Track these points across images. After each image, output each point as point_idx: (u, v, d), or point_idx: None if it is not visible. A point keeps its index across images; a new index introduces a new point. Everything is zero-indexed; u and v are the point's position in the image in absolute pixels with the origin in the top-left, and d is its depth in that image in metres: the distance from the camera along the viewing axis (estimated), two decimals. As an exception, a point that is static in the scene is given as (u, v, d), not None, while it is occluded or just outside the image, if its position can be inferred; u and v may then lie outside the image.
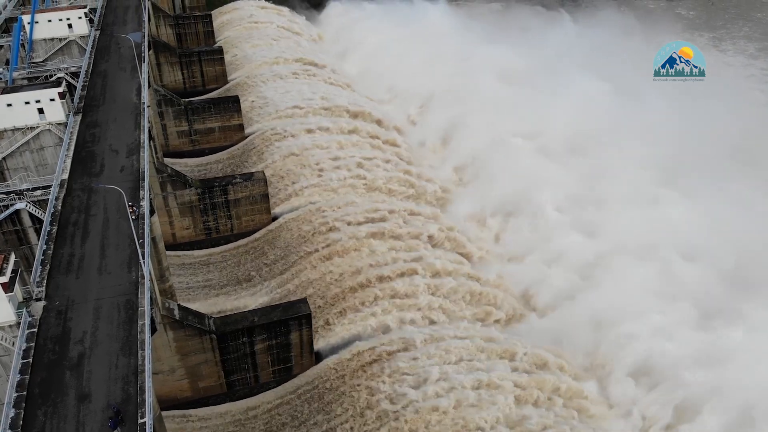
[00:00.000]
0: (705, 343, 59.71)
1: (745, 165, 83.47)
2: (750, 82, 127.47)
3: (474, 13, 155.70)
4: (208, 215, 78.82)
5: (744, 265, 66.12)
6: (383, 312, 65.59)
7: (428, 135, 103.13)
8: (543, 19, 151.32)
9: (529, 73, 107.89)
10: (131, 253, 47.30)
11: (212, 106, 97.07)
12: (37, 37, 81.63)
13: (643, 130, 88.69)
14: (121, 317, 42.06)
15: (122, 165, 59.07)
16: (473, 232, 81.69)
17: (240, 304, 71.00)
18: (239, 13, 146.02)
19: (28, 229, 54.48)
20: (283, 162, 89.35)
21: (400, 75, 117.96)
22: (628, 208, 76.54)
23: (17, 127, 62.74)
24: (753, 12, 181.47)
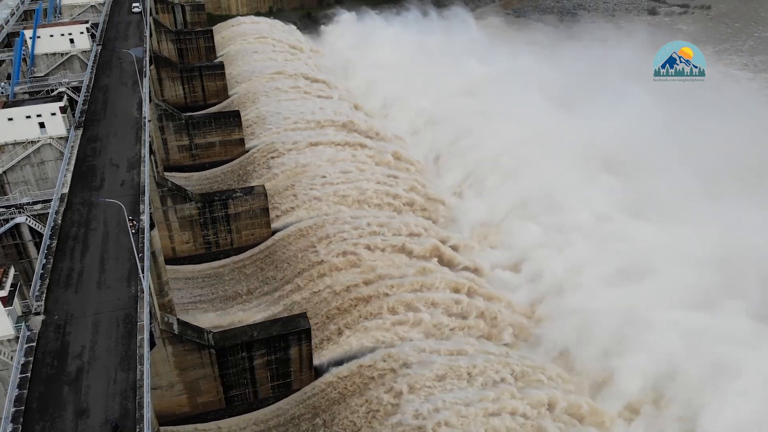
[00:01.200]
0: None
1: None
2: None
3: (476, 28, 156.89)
4: (208, 229, 78.76)
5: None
6: (384, 327, 65.32)
7: (430, 149, 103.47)
8: (543, 33, 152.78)
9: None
10: (131, 267, 47.17)
11: (213, 120, 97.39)
12: (39, 51, 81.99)
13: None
14: (120, 332, 41.85)
15: (122, 179, 59.08)
16: (476, 245, 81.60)
17: (239, 318, 70.72)
18: (240, 29, 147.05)
19: (28, 243, 54.33)
20: (284, 176, 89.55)
21: (400, 90, 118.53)
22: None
23: (18, 141, 62.81)
24: (754, 27, 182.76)
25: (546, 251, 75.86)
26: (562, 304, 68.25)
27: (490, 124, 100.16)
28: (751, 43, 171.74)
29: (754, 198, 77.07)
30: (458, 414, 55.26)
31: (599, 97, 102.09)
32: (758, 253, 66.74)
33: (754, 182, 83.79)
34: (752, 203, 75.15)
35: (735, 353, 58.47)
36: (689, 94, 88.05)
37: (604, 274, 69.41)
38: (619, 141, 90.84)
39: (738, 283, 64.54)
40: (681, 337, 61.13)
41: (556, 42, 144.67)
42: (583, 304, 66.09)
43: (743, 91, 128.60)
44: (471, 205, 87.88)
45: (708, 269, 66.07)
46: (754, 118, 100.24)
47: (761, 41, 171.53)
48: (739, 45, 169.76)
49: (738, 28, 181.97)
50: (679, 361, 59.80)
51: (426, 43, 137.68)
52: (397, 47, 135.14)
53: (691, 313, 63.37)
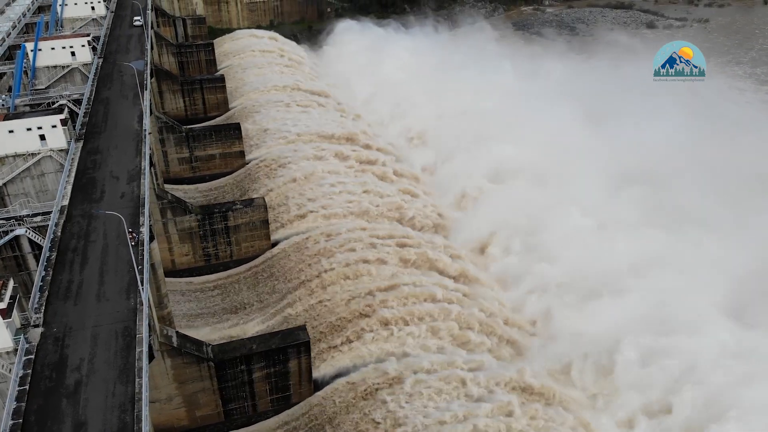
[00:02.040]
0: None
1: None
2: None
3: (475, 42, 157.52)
4: (207, 241, 78.72)
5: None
6: (385, 339, 65.08)
7: (429, 161, 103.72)
8: (542, 47, 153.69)
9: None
10: (130, 279, 47.09)
11: (213, 133, 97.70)
12: (40, 64, 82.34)
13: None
14: (119, 344, 41.71)
15: (122, 191, 59.13)
16: (476, 259, 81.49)
17: (239, 331, 70.48)
18: (241, 42, 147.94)
19: (28, 255, 54.28)
20: (284, 188, 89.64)
21: (400, 103, 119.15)
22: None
23: (18, 153, 62.92)
24: (754, 39, 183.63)
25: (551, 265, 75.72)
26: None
27: (495, 136, 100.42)
28: (754, 54, 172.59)
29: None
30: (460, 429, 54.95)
31: (626, 111, 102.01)
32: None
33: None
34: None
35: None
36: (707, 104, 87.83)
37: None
38: (649, 155, 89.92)
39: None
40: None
41: (563, 53, 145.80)
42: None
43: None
44: (473, 218, 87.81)
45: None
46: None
47: (763, 53, 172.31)
48: (741, 56, 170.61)
49: (738, 40, 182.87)
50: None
51: (426, 56, 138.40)
52: (397, 59, 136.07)
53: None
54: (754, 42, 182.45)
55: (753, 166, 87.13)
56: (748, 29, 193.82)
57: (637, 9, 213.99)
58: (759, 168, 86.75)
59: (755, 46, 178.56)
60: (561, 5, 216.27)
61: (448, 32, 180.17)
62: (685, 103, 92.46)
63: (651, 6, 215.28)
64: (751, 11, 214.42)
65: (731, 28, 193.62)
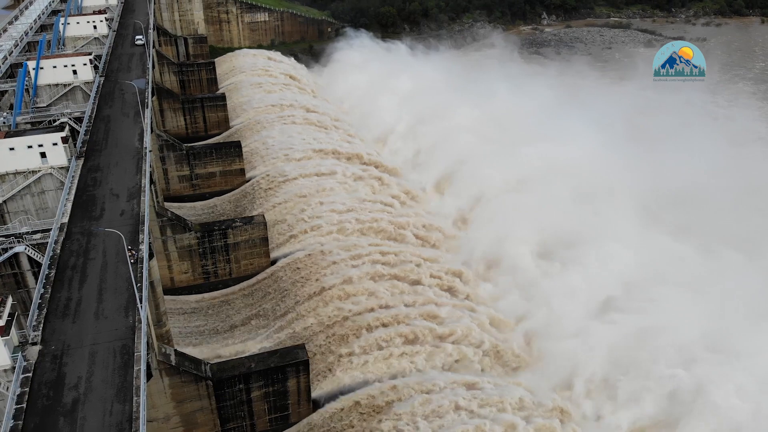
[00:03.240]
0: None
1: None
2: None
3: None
4: (207, 259, 78.63)
5: None
6: (385, 358, 64.74)
7: (428, 178, 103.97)
8: (544, 67, 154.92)
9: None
10: (129, 297, 46.94)
11: (214, 150, 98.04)
12: (42, 82, 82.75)
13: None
14: (117, 362, 41.44)
15: (122, 209, 59.13)
16: (476, 274, 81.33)
17: (237, 349, 70.14)
18: (242, 61, 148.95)
19: (27, 273, 54.14)
20: (283, 205, 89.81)
21: (399, 121, 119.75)
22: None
23: (19, 171, 63.01)
24: (755, 57, 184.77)
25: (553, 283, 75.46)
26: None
27: (491, 153, 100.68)
28: (756, 71, 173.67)
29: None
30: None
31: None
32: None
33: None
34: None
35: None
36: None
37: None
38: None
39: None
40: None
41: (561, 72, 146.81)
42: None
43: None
44: (474, 235, 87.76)
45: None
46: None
47: (764, 71, 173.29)
48: (744, 74, 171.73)
49: (738, 58, 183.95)
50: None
51: (424, 77, 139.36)
52: (397, 77, 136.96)
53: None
54: (755, 60, 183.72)
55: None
56: (747, 48, 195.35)
57: (635, 28, 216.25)
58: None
59: (756, 65, 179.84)
60: (560, 25, 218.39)
61: (447, 52, 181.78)
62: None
63: (649, 25, 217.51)
64: (749, 29, 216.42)
65: (731, 46, 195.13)
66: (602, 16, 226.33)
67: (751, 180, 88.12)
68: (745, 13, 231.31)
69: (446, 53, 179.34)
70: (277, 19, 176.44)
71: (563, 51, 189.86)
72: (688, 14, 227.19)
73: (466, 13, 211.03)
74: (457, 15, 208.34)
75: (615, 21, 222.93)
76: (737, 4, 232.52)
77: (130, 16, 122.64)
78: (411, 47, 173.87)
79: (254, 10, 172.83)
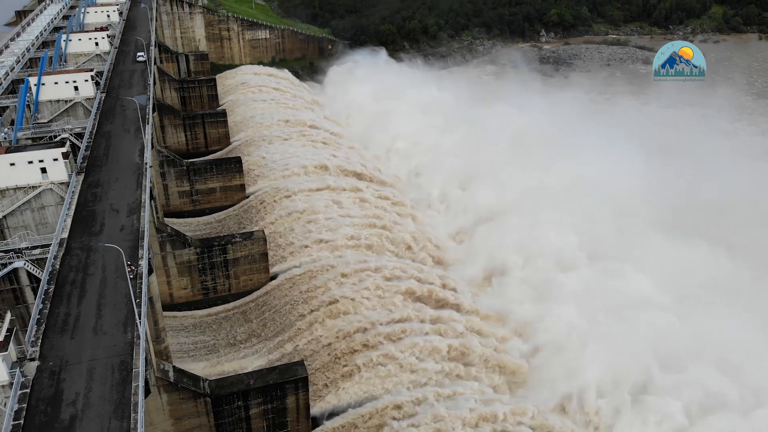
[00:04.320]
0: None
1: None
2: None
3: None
4: (206, 275, 78.45)
5: None
6: (385, 375, 64.36)
7: (428, 193, 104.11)
8: (542, 82, 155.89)
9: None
10: (128, 313, 46.79)
11: (214, 166, 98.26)
12: (43, 98, 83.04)
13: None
14: (115, 379, 41.22)
15: (122, 224, 59.10)
16: (476, 291, 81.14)
17: (236, 366, 69.79)
18: (243, 78, 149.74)
19: (25, 288, 53.99)
20: (283, 221, 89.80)
21: (398, 137, 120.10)
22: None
23: (19, 186, 63.05)
24: (755, 75, 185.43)
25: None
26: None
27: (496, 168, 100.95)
28: (758, 88, 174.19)
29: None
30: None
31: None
32: None
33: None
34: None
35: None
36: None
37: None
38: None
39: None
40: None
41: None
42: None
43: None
44: (475, 251, 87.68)
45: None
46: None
47: (764, 89, 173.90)
48: (746, 89, 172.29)
49: (737, 76, 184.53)
50: None
51: (421, 93, 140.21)
52: (399, 93, 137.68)
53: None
54: (756, 78, 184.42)
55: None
56: (745, 64, 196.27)
57: (633, 45, 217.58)
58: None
59: (755, 82, 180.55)
60: (558, 42, 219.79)
61: (445, 69, 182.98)
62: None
63: (647, 42, 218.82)
64: (747, 46, 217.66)
65: (729, 62, 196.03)
66: (600, 34, 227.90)
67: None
68: (743, 30, 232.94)
69: (445, 69, 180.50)
70: (278, 37, 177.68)
71: (562, 68, 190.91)
72: (686, 31, 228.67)
73: (466, 31, 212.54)
74: (457, 32, 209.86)
75: (613, 38, 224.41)
76: (735, 21, 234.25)
77: (132, 33, 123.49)
78: (411, 64, 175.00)
79: (255, 28, 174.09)
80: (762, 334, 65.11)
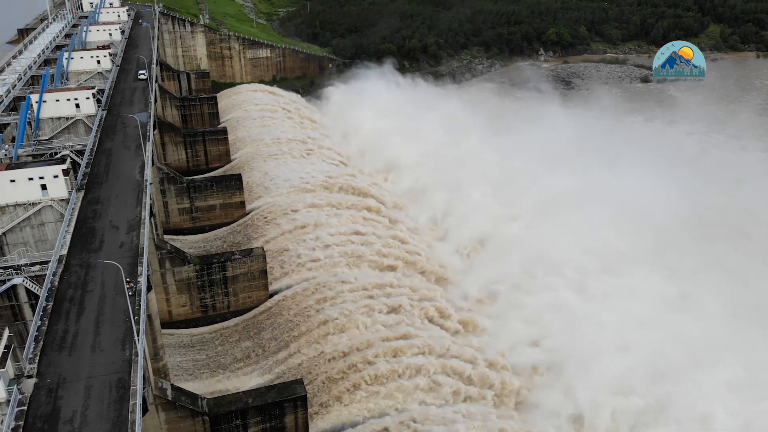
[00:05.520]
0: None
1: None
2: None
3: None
4: (205, 292, 78.19)
5: None
6: (384, 394, 63.94)
7: (427, 212, 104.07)
8: (539, 101, 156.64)
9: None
10: (126, 330, 46.59)
11: (214, 183, 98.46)
12: (45, 116, 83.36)
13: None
14: (113, 396, 40.93)
15: (122, 241, 59.06)
16: (475, 308, 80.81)
17: (235, 384, 69.36)
18: (244, 96, 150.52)
19: (24, 305, 53.78)
20: (283, 237, 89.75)
21: (397, 155, 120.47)
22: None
23: (19, 203, 63.08)
24: (755, 95, 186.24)
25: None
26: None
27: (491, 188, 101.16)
28: (758, 105, 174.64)
29: None
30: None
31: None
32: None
33: None
34: None
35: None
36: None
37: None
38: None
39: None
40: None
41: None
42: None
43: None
44: (476, 269, 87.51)
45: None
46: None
47: (763, 110, 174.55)
48: (747, 108, 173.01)
49: (736, 95, 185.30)
50: None
51: (420, 110, 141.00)
52: (394, 114, 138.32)
53: None
54: (754, 97, 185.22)
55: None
56: (744, 83, 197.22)
57: (631, 64, 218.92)
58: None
59: (754, 101, 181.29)
60: (556, 60, 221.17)
61: (446, 86, 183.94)
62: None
63: (645, 61, 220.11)
64: (745, 64, 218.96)
65: (728, 80, 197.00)
66: (599, 52, 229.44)
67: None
68: (741, 48, 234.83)
69: (445, 88, 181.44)
70: (278, 55, 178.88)
71: (560, 86, 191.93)
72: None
73: (465, 50, 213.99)
74: (456, 51, 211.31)
75: (611, 57, 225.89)
76: (732, 39, 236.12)
77: (134, 51, 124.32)
78: (412, 83, 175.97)
79: (256, 47, 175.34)
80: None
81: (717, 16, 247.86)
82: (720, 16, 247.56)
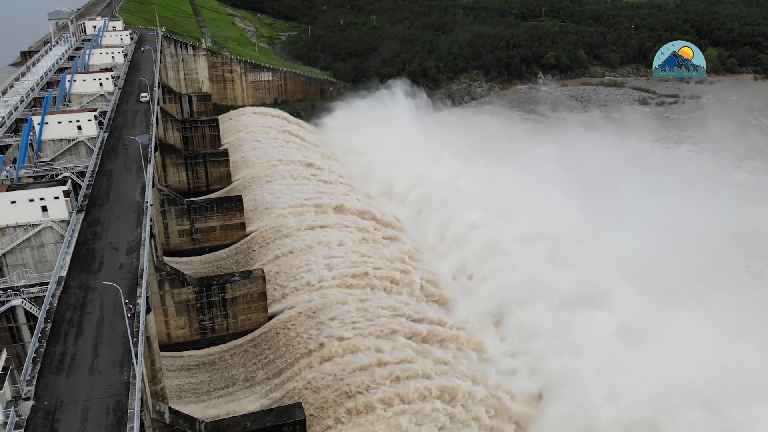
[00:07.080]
0: None
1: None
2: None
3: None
4: (204, 314, 77.83)
5: None
6: (387, 418, 63.30)
7: (428, 232, 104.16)
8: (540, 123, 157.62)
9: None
10: (124, 352, 46.31)
11: (215, 205, 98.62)
12: (47, 137, 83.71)
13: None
14: (110, 419, 40.54)
15: (121, 262, 58.97)
16: (480, 331, 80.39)
17: (233, 407, 68.74)
18: (245, 119, 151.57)
19: (22, 327, 53.48)
20: (282, 259, 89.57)
21: (397, 176, 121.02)
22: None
23: (19, 224, 63.09)
24: (754, 117, 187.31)
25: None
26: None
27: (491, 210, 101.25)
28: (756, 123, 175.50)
29: None
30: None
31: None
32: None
33: None
34: None
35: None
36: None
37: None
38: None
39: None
40: None
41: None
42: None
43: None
44: (475, 290, 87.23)
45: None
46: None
47: (762, 131, 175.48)
48: (748, 127, 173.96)
49: (736, 115, 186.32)
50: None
51: (417, 132, 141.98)
52: (398, 133, 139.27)
53: None
54: (752, 118, 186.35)
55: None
56: (742, 105, 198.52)
57: (630, 86, 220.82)
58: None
59: (752, 122, 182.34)
60: (555, 84, 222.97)
61: (445, 110, 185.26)
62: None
63: (643, 84, 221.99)
64: (743, 86, 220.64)
65: (725, 104, 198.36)
66: (597, 75, 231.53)
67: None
68: (738, 70, 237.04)
69: (444, 111, 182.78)
70: (280, 79, 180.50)
71: (559, 109, 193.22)
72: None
73: (464, 73, 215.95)
74: (455, 75, 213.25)
75: (610, 80, 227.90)
76: (730, 62, 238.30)
77: (136, 74, 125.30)
78: (414, 105, 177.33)
79: (258, 70, 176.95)
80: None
81: (714, 39, 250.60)
82: (717, 40, 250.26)
